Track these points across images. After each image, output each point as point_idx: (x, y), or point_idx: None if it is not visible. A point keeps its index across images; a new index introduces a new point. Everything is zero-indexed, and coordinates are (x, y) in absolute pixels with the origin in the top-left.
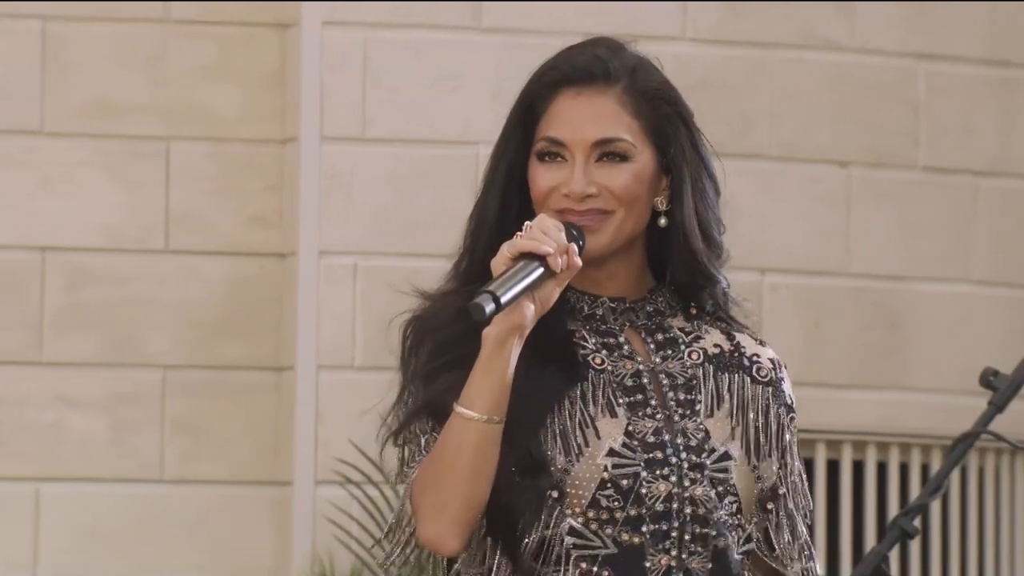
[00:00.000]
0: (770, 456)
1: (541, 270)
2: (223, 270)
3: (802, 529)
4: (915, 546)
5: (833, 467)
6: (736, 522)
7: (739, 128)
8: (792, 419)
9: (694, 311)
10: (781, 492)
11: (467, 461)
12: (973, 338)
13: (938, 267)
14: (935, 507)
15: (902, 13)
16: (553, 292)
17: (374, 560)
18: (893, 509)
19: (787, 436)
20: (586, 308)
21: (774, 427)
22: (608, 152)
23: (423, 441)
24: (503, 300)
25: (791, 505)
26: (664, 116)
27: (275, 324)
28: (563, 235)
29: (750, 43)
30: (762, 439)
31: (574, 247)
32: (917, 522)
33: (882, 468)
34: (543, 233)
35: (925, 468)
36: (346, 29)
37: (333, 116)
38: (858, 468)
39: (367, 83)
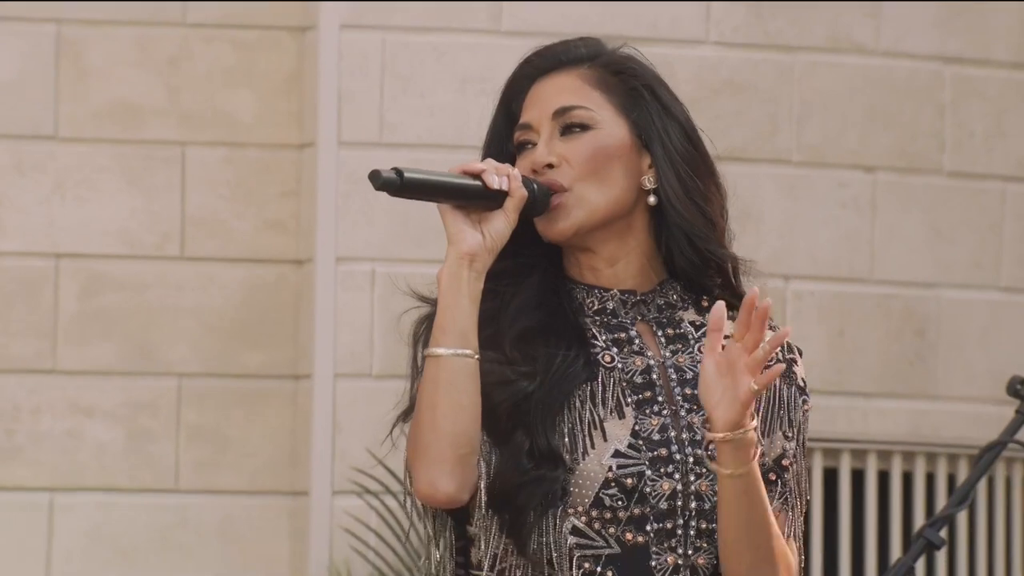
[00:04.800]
0: (775, 433)
1: (474, 182)
2: (240, 277)
3: (799, 511)
4: (942, 557)
5: (858, 477)
6: None
7: (764, 132)
8: (804, 401)
9: (705, 303)
10: (786, 464)
11: (443, 396)
12: (1001, 346)
13: (966, 274)
14: (962, 518)
15: (929, 16)
16: (503, 226)
17: (391, 569)
18: (919, 520)
19: (795, 415)
20: (596, 303)
21: (780, 405)
22: (569, 123)
23: None
24: (407, 174)
25: (793, 482)
26: (632, 89)
27: (292, 332)
28: (513, 170)
29: (775, 46)
30: (769, 418)
31: (516, 172)
32: (944, 533)
33: (908, 478)
34: (486, 162)
35: (952, 478)
36: (364, 32)
37: (351, 120)
38: (884, 478)
39: (385, 87)
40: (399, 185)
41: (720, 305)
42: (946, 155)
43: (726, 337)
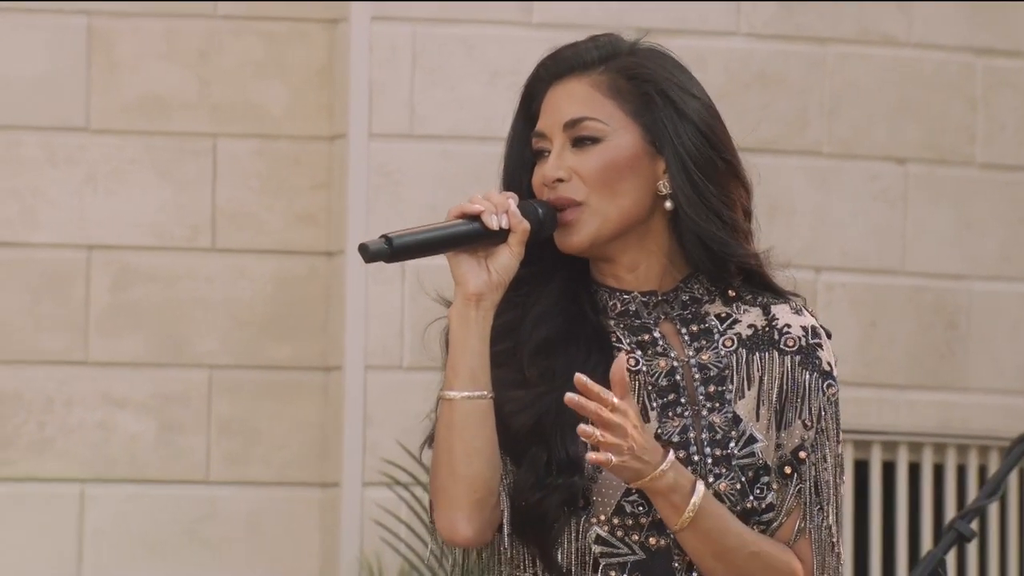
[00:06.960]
0: (794, 423)
1: (471, 226)
2: (270, 269)
3: (825, 503)
4: (973, 549)
5: (889, 469)
6: (767, 504)
7: (795, 124)
8: (829, 385)
9: (732, 294)
10: (803, 456)
11: (457, 440)
12: None
13: (996, 266)
14: (993, 509)
15: (960, 8)
16: (509, 260)
17: (423, 562)
18: (950, 511)
19: (817, 401)
20: (619, 305)
21: (799, 393)
22: (580, 136)
23: None
24: (396, 241)
25: (811, 472)
26: (644, 94)
27: (323, 324)
28: (510, 202)
29: (807, 38)
30: (786, 408)
31: (514, 207)
32: (975, 525)
33: (939, 470)
34: (484, 198)
35: (983, 470)
36: (395, 25)
37: (382, 113)
38: (914, 470)
39: (416, 79)
40: (390, 253)
41: (619, 365)
42: (977, 147)
43: (766, 323)
